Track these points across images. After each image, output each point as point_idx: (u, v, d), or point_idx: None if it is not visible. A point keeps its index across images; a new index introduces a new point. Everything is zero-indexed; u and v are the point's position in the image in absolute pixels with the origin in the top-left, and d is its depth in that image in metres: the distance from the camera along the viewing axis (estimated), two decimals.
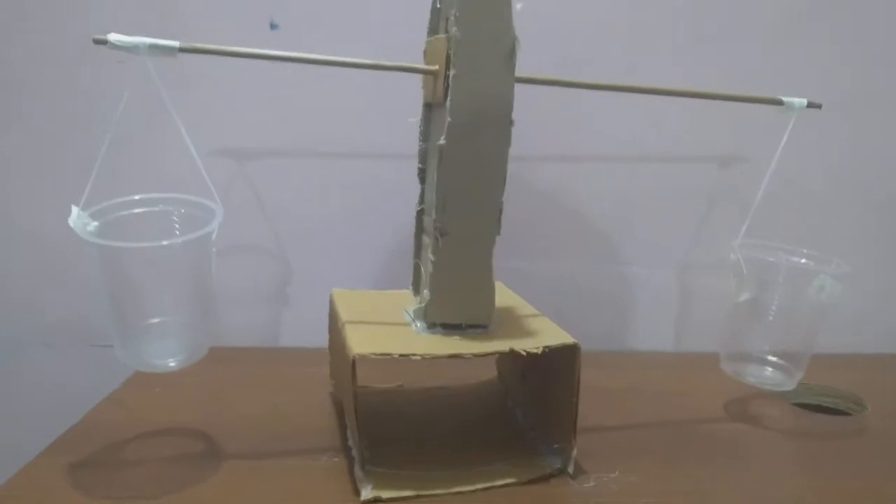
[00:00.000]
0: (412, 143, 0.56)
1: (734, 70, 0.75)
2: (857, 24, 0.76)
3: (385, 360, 0.46)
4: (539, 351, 0.49)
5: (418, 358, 0.47)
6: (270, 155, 0.75)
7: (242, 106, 0.73)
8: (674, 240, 0.81)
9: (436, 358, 0.47)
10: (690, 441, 0.60)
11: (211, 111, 0.72)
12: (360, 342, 0.48)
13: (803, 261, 0.63)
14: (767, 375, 0.64)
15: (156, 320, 0.51)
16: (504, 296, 0.61)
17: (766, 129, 0.60)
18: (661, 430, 0.62)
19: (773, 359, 0.64)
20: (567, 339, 0.50)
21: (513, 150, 0.50)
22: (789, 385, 0.63)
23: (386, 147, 0.73)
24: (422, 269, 0.55)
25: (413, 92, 0.55)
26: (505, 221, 0.51)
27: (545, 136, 0.76)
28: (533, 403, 0.59)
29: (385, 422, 0.58)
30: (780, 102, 0.58)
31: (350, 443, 0.53)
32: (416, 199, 0.56)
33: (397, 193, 0.60)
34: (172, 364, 0.50)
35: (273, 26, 0.69)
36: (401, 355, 0.47)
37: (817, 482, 0.55)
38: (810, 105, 0.59)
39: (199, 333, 0.52)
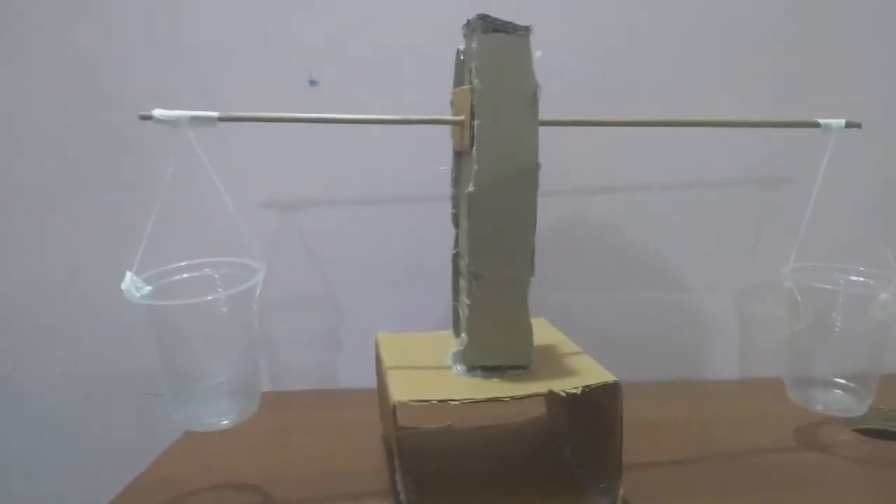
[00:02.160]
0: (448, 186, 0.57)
1: (773, 90, 0.74)
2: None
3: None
4: (578, 391, 0.49)
5: (457, 403, 0.47)
6: (316, 204, 0.77)
7: (286, 158, 0.76)
8: (725, 266, 0.80)
9: (473, 402, 0.48)
10: (749, 473, 0.58)
11: (255, 165, 0.75)
12: (400, 388, 0.49)
13: (861, 279, 0.61)
14: (836, 401, 0.61)
15: (208, 383, 0.54)
16: (546, 333, 0.61)
17: (809, 147, 0.58)
18: (719, 462, 0.60)
19: (842, 381, 0.62)
20: (608, 377, 0.50)
21: (553, 185, 0.50)
22: (860, 410, 0.60)
23: (427, 190, 0.75)
24: (460, 311, 0.55)
25: (447, 138, 0.57)
26: (551, 255, 0.51)
27: (587, 169, 0.76)
28: (581, 441, 0.59)
29: (433, 462, 0.58)
30: (816, 125, 0.57)
31: (398, 486, 0.54)
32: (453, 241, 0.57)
33: (440, 235, 0.61)
34: (225, 423, 0.53)
35: (312, 83, 0.73)
36: (439, 401, 0.47)
37: None
38: (849, 125, 0.57)
39: (249, 391, 0.54)
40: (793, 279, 0.59)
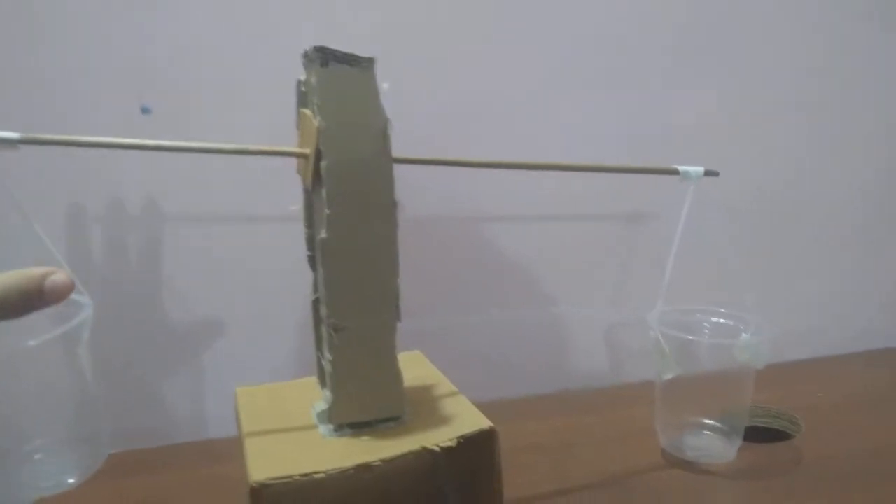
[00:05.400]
0: None
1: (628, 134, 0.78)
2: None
3: None
4: (454, 444, 0.46)
5: (322, 476, 0.43)
6: (160, 226, 0.69)
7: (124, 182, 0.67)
8: (593, 294, 0.82)
9: (342, 472, 0.44)
10: (628, 500, 0.58)
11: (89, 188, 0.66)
12: (259, 463, 0.44)
13: (723, 321, 0.63)
14: (705, 445, 0.63)
15: (38, 441, 0.47)
16: (420, 370, 0.58)
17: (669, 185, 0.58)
18: (597, 491, 0.59)
19: (710, 422, 0.64)
20: (483, 423, 0.48)
21: (426, 211, 0.47)
22: (729, 455, 0.62)
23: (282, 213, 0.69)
24: (322, 364, 0.51)
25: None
26: (426, 280, 0.48)
27: (455, 195, 0.73)
28: (463, 483, 0.56)
29: None
30: (676, 172, 0.57)
31: None
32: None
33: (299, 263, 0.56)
34: (71, 481, 0.46)
35: (144, 110, 0.64)
36: (302, 475, 0.43)
37: None
38: (708, 173, 0.57)
39: (90, 443, 0.49)
40: (659, 330, 0.59)
